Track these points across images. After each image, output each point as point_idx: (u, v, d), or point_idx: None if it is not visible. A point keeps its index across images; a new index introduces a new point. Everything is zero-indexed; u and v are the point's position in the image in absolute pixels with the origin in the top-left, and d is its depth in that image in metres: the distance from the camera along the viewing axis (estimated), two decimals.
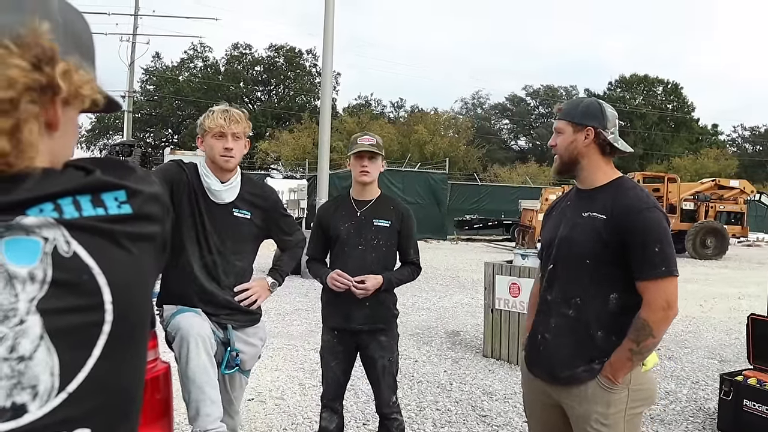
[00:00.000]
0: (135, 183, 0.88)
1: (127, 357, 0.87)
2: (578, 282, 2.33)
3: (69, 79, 0.84)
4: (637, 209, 2.25)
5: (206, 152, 3.00)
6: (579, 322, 2.33)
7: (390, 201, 3.53)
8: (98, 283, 0.81)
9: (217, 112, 2.97)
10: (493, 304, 6.65)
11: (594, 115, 2.38)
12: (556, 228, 2.47)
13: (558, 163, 2.47)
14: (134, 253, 0.86)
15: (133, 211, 0.86)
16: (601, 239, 2.27)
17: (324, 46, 13.91)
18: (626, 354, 2.23)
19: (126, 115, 32.99)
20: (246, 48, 53.14)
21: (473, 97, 61.89)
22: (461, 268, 15.78)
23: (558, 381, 2.37)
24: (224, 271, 3.00)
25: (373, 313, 3.35)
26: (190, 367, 2.68)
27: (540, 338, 2.44)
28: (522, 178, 37.49)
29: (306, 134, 38.38)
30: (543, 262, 2.54)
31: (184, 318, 2.79)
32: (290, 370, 5.97)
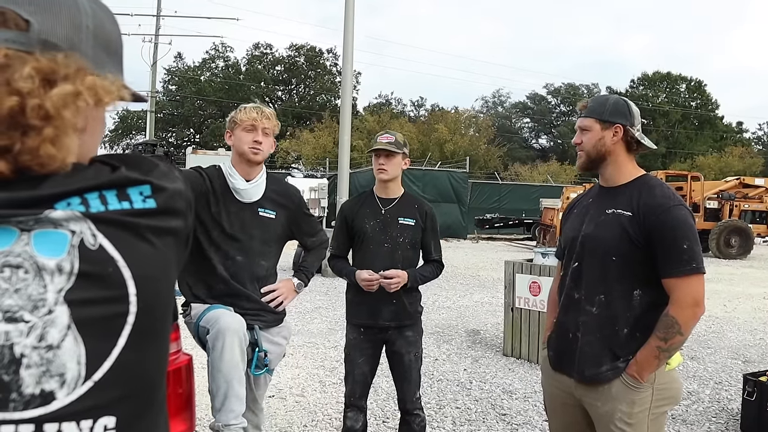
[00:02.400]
0: (159, 178, 0.91)
1: (151, 347, 0.89)
2: (603, 279, 2.32)
3: (95, 89, 0.87)
4: (664, 206, 2.24)
5: (234, 145, 3.01)
6: (604, 320, 2.31)
7: (414, 200, 3.55)
8: (123, 276, 0.84)
9: (250, 107, 3.01)
10: (514, 302, 6.63)
11: (622, 112, 2.38)
12: (579, 225, 2.46)
13: (584, 160, 2.45)
14: (158, 246, 0.88)
15: (157, 206, 0.89)
16: (627, 236, 2.26)
17: (344, 45, 13.96)
18: (653, 352, 2.22)
19: (148, 115, 33.40)
20: (267, 48, 53.49)
21: (494, 95, 61.84)
22: (482, 267, 15.75)
23: (584, 379, 2.36)
24: (250, 272, 3.02)
25: (399, 309, 3.37)
26: (223, 360, 2.72)
27: (571, 336, 2.42)
28: (543, 177, 37.30)
29: (326, 133, 38.50)
30: (566, 260, 2.52)
31: (224, 314, 2.83)
32: (310, 368, 6.00)
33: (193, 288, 2.99)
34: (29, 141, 0.81)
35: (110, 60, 0.93)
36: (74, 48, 0.86)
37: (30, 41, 0.82)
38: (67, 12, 0.87)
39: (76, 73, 0.85)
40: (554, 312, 2.58)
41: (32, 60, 0.81)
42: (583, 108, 2.47)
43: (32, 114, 0.80)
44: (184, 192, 0.95)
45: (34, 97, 0.80)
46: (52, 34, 0.84)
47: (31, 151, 0.81)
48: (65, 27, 0.86)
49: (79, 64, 0.85)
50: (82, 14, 0.88)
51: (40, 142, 0.81)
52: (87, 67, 0.86)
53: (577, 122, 2.48)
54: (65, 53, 0.84)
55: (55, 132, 0.82)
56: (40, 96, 0.81)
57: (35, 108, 0.80)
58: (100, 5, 0.93)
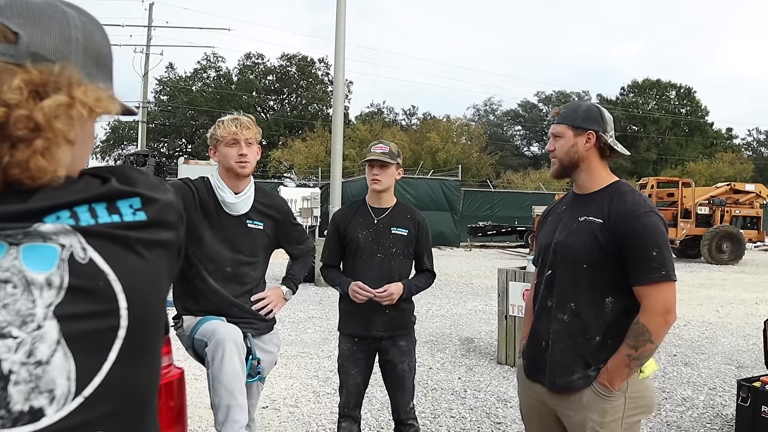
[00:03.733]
0: (149, 190, 0.90)
1: (142, 361, 0.88)
2: (574, 287, 2.31)
3: (87, 99, 0.86)
4: (634, 213, 2.23)
5: (221, 161, 3.02)
6: (575, 328, 2.30)
7: (406, 209, 3.55)
8: (114, 289, 0.83)
9: (227, 121, 3.01)
10: (507, 310, 6.63)
11: (594, 118, 2.37)
12: (552, 233, 2.45)
13: (557, 167, 2.44)
14: (149, 259, 0.87)
15: (147, 218, 0.88)
16: (597, 243, 2.25)
17: (336, 54, 14.00)
18: (624, 360, 2.20)
19: (140, 125, 33.37)
20: (258, 58, 53.54)
21: (485, 103, 62.03)
22: (475, 275, 15.75)
23: (556, 388, 2.34)
24: (239, 282, 3.03)
25: (393, 320, 3.37)
26: (223, 372, 2.70)
27: (543, 345, 2.40)
28: (535, 184, 37.39)
29: (318, 142, 38.51)
30: (539, 267, 2.52)
31: (219, 325, 2.83)
32: (304, 378, 5.97)
33: (184, 300, 3.00)
34: (18, 154, 0.80)
35: (100, 72, 0.92)
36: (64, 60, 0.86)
37: (19, 54, 0.82)
38: (57, 25, 0.86)
39: (69, 85, 0.84)
40: (530, 320, 2.57)
41: (21, 72, 0.81)
42: (556, 114, 2.46)
43: (20, 125, 0.79)
44: (175, 204, 0.94)
45: (22, 109, 0.79)
46: (42, 47, 0.84)
47: (21, 164, 0.80)
48: (54, 39, 0.85)
49: (73, 75, 0.85)
50: (71, 27, 0.88)
51: (30, 154, 0.80)
52: (79, 79, 0.86)
53: (550, 129, 2.48)
54: (61, 64, 0.84)
55: (45, 144, 0.81)
56: (29, 107, 0.80)
57: (22, 119, 0.79)
58: (90, 18, 0.92)
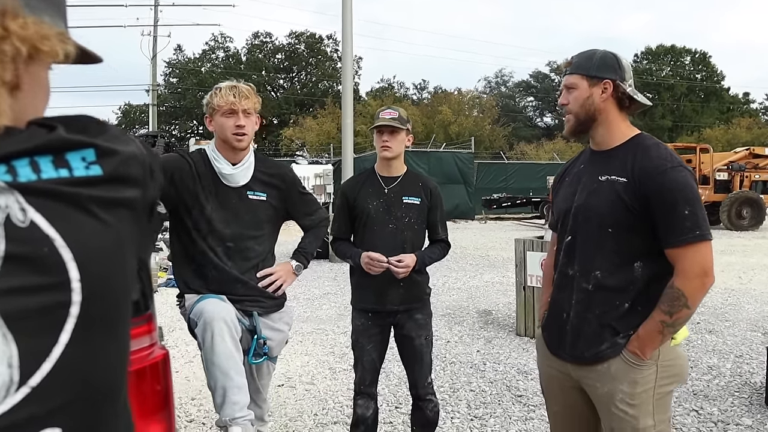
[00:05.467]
0: (107, 141, 0.76)
1: (103, 343, 0.74)
2: (599, 253, 2.14)
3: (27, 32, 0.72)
4: (661, 169, 2.02)
5: (216, 132, 2.87)
6: (601, 297, 2.13)
7: (418, 177, 3.39)
8: (62, 257, 0.69)
9: (225, 89, 2.84)
10: (525, 281, 6.49)
11: (611, 66, 2.16)
12: (571, 195, 2.26)
13: (572, 123, 2.22)
14: (106, 221, 0.73)
15: (103, 173, 0.74)
16: (622, 204, 2.06)
17: (343, 30, 13.79)
18: (657, 326, 2.03)
19: (150, 108, 33.37)
20: (266, 36, 53.04)
21: (497, 75, 61.31)
22: (491, 246, 15.60)
23: (581, 359, 2.19)
24: (244, 257, 2.88)
25: (407, 293, 3.23)
26: (215, 353, 2.58)
27: (565, 317, 2.24)
28: (549, 155, 37.01)
29: (330, 119, 38.26)
30: (559, 233, 2.34)
31: (208, 303, 2.69)
32: (320, 355, 5.89)
33: (185, 278, 2.86)
34: None
35: (46, 6, 0.77)
36: None
37: None
38: None
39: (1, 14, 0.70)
40: (549, 289, 2.42)
41: None
42: (568, 65, 2.24)
43: None
44: (141, 157, 0.80)
45: None
46: None
47: None
48: None
49: (6, 2, 0.71)
50: None
51: None
52: (15, 8, 0.71)
53: (563, 81, 2.26)
54: None
55: None
56: None
57: None
58: None
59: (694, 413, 4.31)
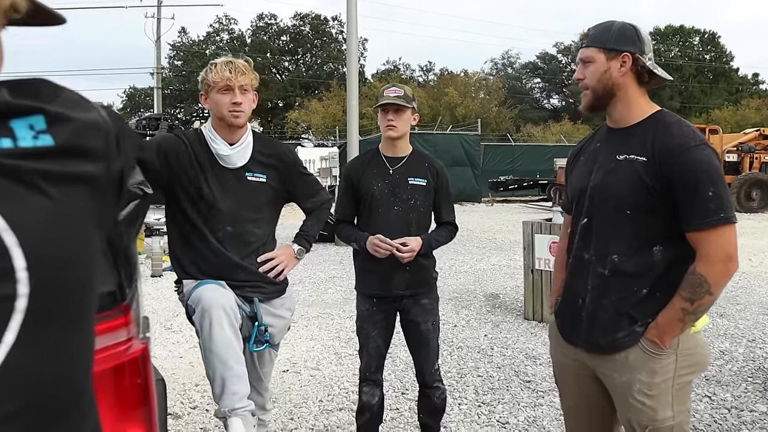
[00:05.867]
0: (61, 107, 0.65)
1: (60, 340, 0.64)
2: (616, 236, 2.03)
3: None
4: (683, 147, 1.91)
5: (212, 109, 2.75)
6: (619, 282, 2.03)
7: (424, 158, 3.28)
8: (4, 243, 0.59)
9: (221, 64, 2.72)
10: (533, 264, 6.39)
11: (630, 38, 2.03)
12: (587, 175, 2.14)
13: (589, 99, 2.10)
14: (58, 199, 0.63)
15: (55, 143, 0.63)
16: (642, 185, 1.95)
17: (348, 11, 13.62)
18: (677, 314, 1.92)
19: (155, 91, 33.28)
20: (271, 18, 52.67)
21: (503, 56, 60.51)
22: (497, 229, 15.48)
23: (597, 348, 2.09)
24: (243, 241, 2.77)
25: (413, 277, 3.13)
26: (213, 341, 2.48)
27: (580, 303, 2.13)
28: (556, 137, 36.71)
29: (335, 102, 38.05)
30: (574, 215, 2.23)
31: (206, 289, 2.58)
32: (325, 339, 5.81)
33: (183, 262, 2.75)
34: None
35: None
36: None
37: None
38: None
39: None
40: (562, 272, 2.31)
41: None
42: (585, 37, 2.11)
43: None
44: (104, 125, 0.69)
45: None
46: None
47: None
48: None
49: None
50: None
51: None
52: None
53: (578, 54, 2.13)
54: None
55: None
56: None
57: None
58: None
59: (707, 399, 4.22)
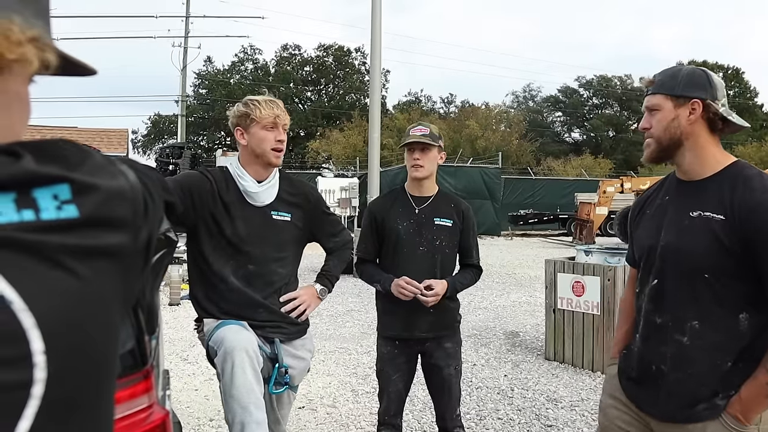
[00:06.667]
0: (87, 174, 0.61)
1: (77, 427, 0.60)
2: (695, 301, 1.87)
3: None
4: (767, 204, 1.76)
5: (251, 145, 2.71)
6: (699, 352, 1.88)
7: (450, 198, 3.24)
8: (21, 324, 0.54)
9: (265, 102, 2.71)
10: (556, 303, 6.27)
11: (700, 84, 1.90)
12: (655, 231, 1.99)
13: (653, 149, 1.97)
14: (83, 276, 0.59)
15: (80, 215, 0.59)
16: (721, 246, 1.80)
17: (372, 43, 13.75)
18: (763, 389, 1.77)
19: (179, 119, 33.77)
20: (295, 49, 53.30)
21: (524, 90, 60.58)
22: (517, 264, 15.33)
23: (672, 419, 1.95)
24: (266, 281, 2.73)
25: (437, 320, 3.07)
26: (234, 386, 2.43)
27: (654, 369, 1.99)
28: (577, 171, 36.57)
29: (356, 132, 38.24)
30: (641, 274, 2.08)
31: (229, 331, 2.54)
32: (342, 375, 5.72)
33: (203, 302, 2.71)
34: None
35: (20, 4, 0.63)
36: None
37: None
38: None
39: None
40: (626, 324, 2.19)
41: None
42: (650, 84, 1.99)
43: None
44: (131, 192, 0.65)
45: None
46: None
47: None
48: None
49: None
50: None
51: None
52: None
53: (644, 103, 2.02)
54: None
55: None
56: None
57: None
58: None
59: None
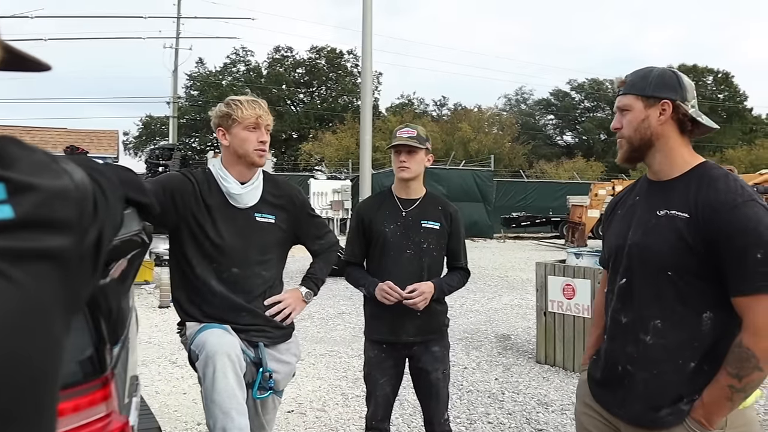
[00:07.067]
0: (26, 173, 0.58)
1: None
2: (659, 300, 1.86)
3: None
4: (730, 204, 1.75)
5: (233, 145, 2.68)
6: (662, 352, 1.87)
7: (437, 200, 3.21)
8: None
9: (248, 102, 2.69)
10: (546, 306, 6.26)
11: (670, 85, 1.91)
12: (624, 231, 2.00)
13: (625, 149, 1.98)
14: (18, 280, 0.55)
15: (15, 216, 0.56)
16: (685, 245, 1.80)
17: (363, 45, 13.77)
18: (724, 392, 1.75)
19: (171, 120, 33.67)
20: (287, 50, 53.23)
21: (517, 93, 60.71)
22: (509, 267, 15.32)
23: (637, 422, 1.93)
24: (249, 284, 2.69)
25: (424, 324, 3.04)
26: (216, 391, 2.39)
27: (620, 370, 1.98)
28: (569, 174, 36.64)
29: (349, 134, 38.20)
30: (610, 273, 2.08)
31: (211, 335, 2.50)
32: (332, 379, 5.69)
33: (185, 305, 2.67)
34: None
35: None
36: None
37: None
38: None
39: None
40: (598, 329, 2.18)
41: None
42: (622, 85, 1.99)
43: None
44: (76, 191, 0.62)
45: None
46: None
47: None
48: None
49: None
50: None
51: None
52: None
53: (616, 103, 2.02)
54: None
55: None
56: None
57: None
58: None
59: None
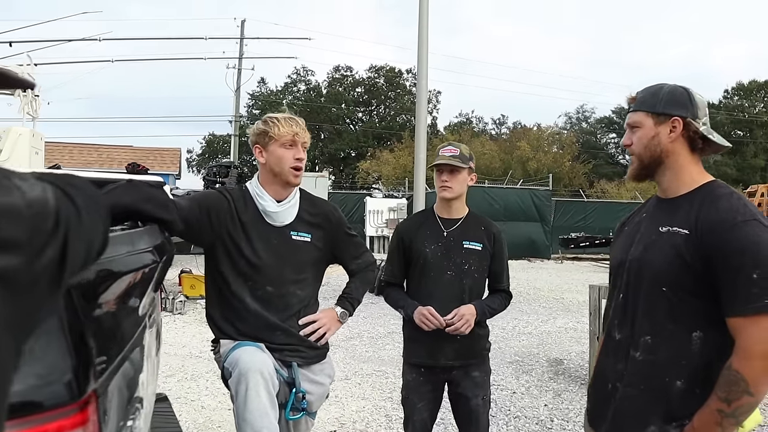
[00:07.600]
0: None
1: None
2: (650, 316, 1.84)
3: None
4: (729, 222, 1.72)
5: (270, 163, 2.67)
6: (650, 368, 1.82)
7: (480, 221, 3.14)
8: None
9: (284, 119, 2.68)
10: (600, 330, 6.04)
11: (680, 102, 1.89)
12: (627, 247, 1.99)
13: (635, 166, 1.97)
14: None
15: None
16: (683, 261, 1.77)
17: (419, 64, 13.80)
18: (713, 417, 1.68)
19: (233, 139, 34.53)
20: (347, 70, 53.90)
21: (578, 111, 59.80)
22: (566, 289, 14.96)
23: None
24: (284, 303, 2.67)
25: (464, 347, 2.96)
26: (248, 409, 2.37)
27: (609, 387, 1.94)
28: (631, 194, 35.68)
29: (406, 153, 38.25)
30: (610, 290, 2.06)
31: (245, 352, 2.48)
32: (377, 400, 5.62)
33: (220, 322, 2.66)
34: None
35: None
36: None
37: None
38: None
39: None
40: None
41: None
42: (632, 101, 1.98)
43: None
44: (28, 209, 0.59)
45: None
46: None
47: None
48: None
49: None
50: None
51: None
52: None
53: (626, 119, 2.00)
54: None
55: None
56: None
57: None
58: None
59: None
